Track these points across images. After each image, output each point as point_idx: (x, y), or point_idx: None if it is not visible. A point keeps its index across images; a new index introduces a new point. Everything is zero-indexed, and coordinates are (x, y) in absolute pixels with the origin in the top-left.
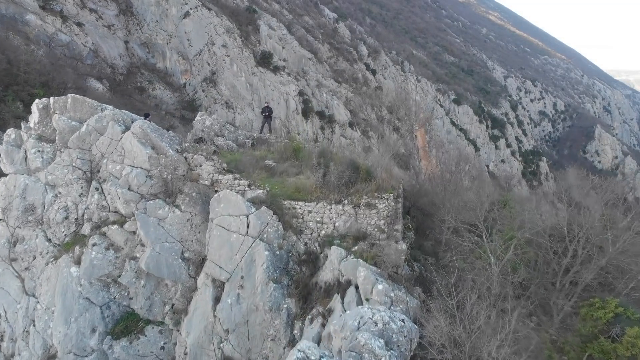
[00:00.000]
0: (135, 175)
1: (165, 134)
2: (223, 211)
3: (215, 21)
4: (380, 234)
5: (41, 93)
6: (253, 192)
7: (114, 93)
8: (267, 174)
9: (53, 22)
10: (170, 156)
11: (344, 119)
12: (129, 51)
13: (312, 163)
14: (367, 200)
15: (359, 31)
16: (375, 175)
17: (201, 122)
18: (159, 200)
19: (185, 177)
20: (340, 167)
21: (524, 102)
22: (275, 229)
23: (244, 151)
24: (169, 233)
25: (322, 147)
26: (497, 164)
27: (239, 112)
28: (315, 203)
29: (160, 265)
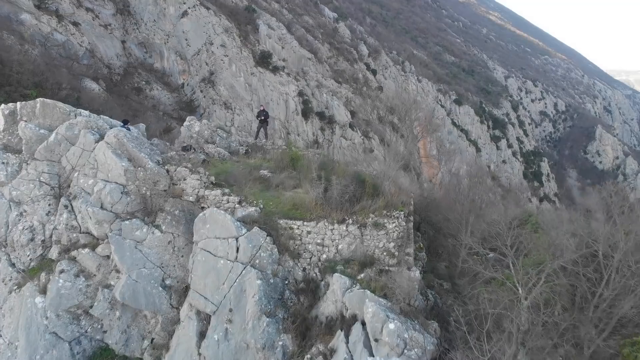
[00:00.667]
0: (108, 192)
1: (145, 144)
2: (209, 233)
3: (214, 20)
4: (389, 258)
5: (34, 94)
6: (244, 210)
7: (110, 94)
8: (261, 186)
9: (48, 22)
10: (150, 169)
11: (345, 120)
12: (126, 51)
13: (311, 176)
14: (374, 219)
15: (359, 31)
16: (382, 190)
17: (190, 127)
18: (137, 219)
19: (167, 193)
20: (344, 181)
21: (525, 102)
22: (269, 253)
23: (237, 160)
24: (148, 257)
25: (322, 157)
26: (499, 165)
27: (237, 113)
28: (315, 222)
29: (137, 294)
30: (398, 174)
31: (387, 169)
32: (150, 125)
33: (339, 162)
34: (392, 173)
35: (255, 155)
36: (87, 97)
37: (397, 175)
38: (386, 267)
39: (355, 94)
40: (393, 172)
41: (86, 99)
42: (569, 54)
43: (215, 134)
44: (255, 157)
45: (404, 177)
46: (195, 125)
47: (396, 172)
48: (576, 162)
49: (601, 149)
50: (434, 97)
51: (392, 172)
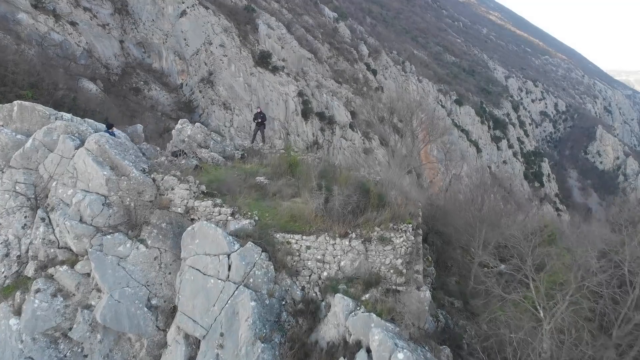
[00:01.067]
0: (88, 203)
1: (130, 150)
2: (198, 249)
3: (213, 20)
4: (397, 277)
5: (30, 94)
6: (237, 223)
7: (108, 94)
8: (257, 194)
9: (45, 21)
10: (134, 178)
11: (345, 120)
12: (124, 51)
13: (311, 185)
14: (380, 232)
15: (359, 31)
16: (388, 200)
17: (181, 131)
18: (119, 234)
19: (153, 204)
20: (346, 191)
21: (525, 102)
22: (265, 271)
23: (233, 165)
24: (132, 275)
25: (323, 163)
26: (499, 165)
27: (237, 114)
28: (315, 236)
29: (120, 316)
30: (404, 181)
31: (393, 176)
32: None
33: (340, 168)
34: (398, 181)
35: (252, 160)
36: (84, 97)
37: (403, 182)
38: (393, 287)
39: (356, 94)
40: (399, 180)
41: (83, 99)
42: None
43: (209, 137)
44: (251, 162)
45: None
46: (187, 128)
47: (403, 181)
48: (577, 162)
49: (602, 149)
50: (435, 98)
51: (399, 179)
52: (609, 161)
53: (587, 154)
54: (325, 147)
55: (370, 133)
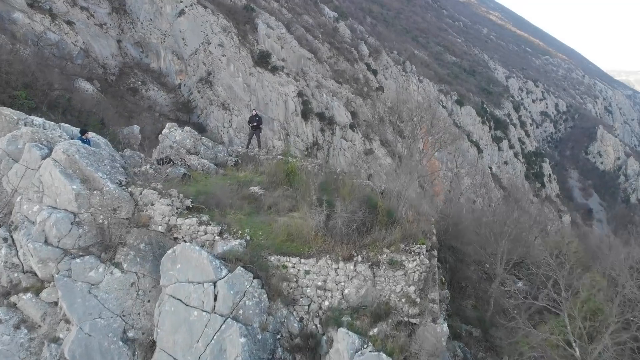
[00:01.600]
0: (55, 222)
1: (106, 160)
2: (179, 275)
3: (212, 20)
4: (409, 307)
5: (23, 95)
6: (226, 244)
7: (105, 94)
8: (250, 207)
9: (41, 21)
10: (109, 192)
11: (345, 121)
12: (121, 51)
13: (310, 199)
14: (389, 255)
15: (359, 31)
16: (399, 217)
17: (169, 136)
18: (91, 257)
19: (130, 222)
20: (350, 206)
21: (526, 102)
22: (257, 301)
23: (225, 173)
24: (105, 304)
25: (324, 173)
26: (500, 166)
27: (235, 114)
28: (315, 259)
29: (91, 351)
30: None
31: (402, 188)
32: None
33: (343, 176)
34: (409, 194)
35: (246, 167)
36: (79, 98)
37: (412, 193)
38: (405, 319)
39: (356, 94)
40: (410, 192)
41: (78, 99)
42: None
43: (200, 143)
44: (245, 170)
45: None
46: (175, 133)
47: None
48: (577, 162)
49: (602, 149)
50: (436, 98)
51: (409, 192)
52: (609, 161)
53: (588, 155)
54: (325, 148)
55: (371, 134)
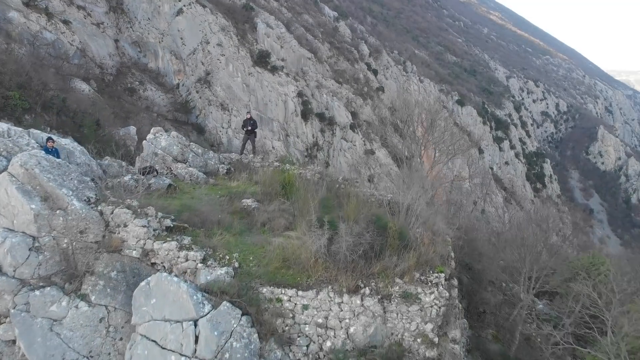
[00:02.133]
0: (9, 248)
1: (73, 173)
2: (154, 312)
3: (210, 19)
4: (426, 348)
5: (17, 95)
6: (210, 273)
7: (101, 94)
8: (242, 224)
9: (37, 20)
10: (74, 212)
11: (345, 121)
12: (119, 50)
13: (309, 218)
14: (402, 287)
15: (359, 30)
16: (412, 239)
17: (155, 142)
18: (53, 288)
19: (99, 246)
20: (357, 227)
21: (527, 102)
22: (246, 343)
23: (216, 182)
24: (69, 344)
25: (324, 187)
26: (501, 166)
27: (234, 114)
28: (315, 291)
29: None
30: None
31: (413, 202)
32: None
33: (346, 187)
34: (422, 209)
35: (239, 175)
36: (75, 98)
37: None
38: None
39: (356, 94)
40: (424, 209)
41: (74, 100)
42: (570, 54)
43: (188, 149)
44: (239, 179)
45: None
46: (160, 139)
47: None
48: (578, 163)
49: (603, 149)
50: (436, 98)
51: (422, 206)
52: (610, 162)
53: (589, 155)
54: (325, 149)
55: (371, 134)
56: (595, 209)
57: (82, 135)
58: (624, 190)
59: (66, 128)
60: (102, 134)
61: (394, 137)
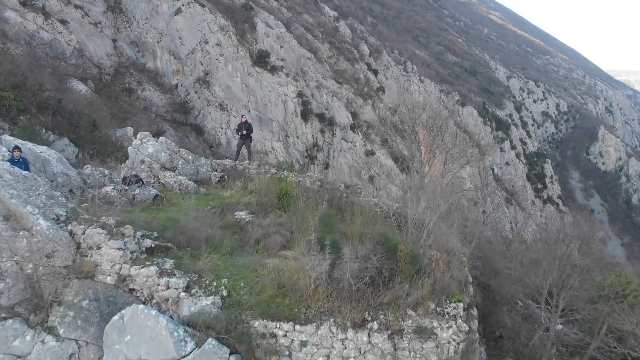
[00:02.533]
0: None
1: (42, 187)
2: (129, 351)
3: (209, 18)
4: None
5: (12, 96)
6: (194, 303)
7: (99, 95)
8: (233, 241)
9: (34, 20)
10: (40, 232)
11: (345, 122)
12: (117, 50)
13: (308, 238)
14: (415, 320)
15: (360, 30)
16: (425, 263)
17: (141, 148)
18: (16, 320)
19: (69, 271)
20: (363, 249)
21: (527, 102)
22: None
23: (207, 192)
24: None
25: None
26: (502, 167)
27: (234, 115)
28: (315, 325)
29: None
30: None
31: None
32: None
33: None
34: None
35: (233, 184)
36: (71, 98)
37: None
38: None
39: (357, 94)
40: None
41: (70, 100)
42: (570, 54)
43: (177, 155)
44: (232, 187)
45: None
46: (147, 145)
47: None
48: (579, 163)
49: (604, 150)
50: (437, 98)
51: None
52: (611, 162)
53: (589, 155)
54: (325, 150)
55: (372, 135)
56: (595, 209)
57: (78, 137)
58: (624, 190)
59: (62, 129)
60: (99, 135)
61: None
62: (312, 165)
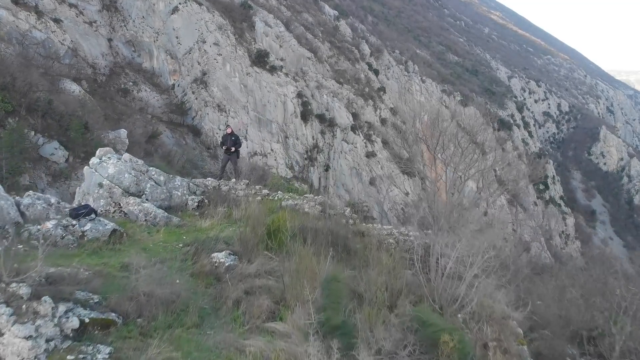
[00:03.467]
0: None
1: None
2: None
3: (207, 17)
4: None
5: None
6: None
7: (93, 95)
8: (205, 301)
9: (27, 19)
10: None
11: (346, 122)
12: (112, 50)
13: (308, 322)
14: None
15: (360, 29)
16: (478, 356)
17: (100, 168)
18: None
19: None
20: (384, 333)
21: (528, 102)
22: None
23: (181, 222)
24: None
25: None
26: (504, 168)
27: (232, 116)
28: None
29: None
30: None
31: (463, 265)
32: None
33: (364, 249)
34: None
35: (215, 210)
36: (63, 99)
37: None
38: None
39: (357, 95)
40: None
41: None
42: (570, 53)
43: (146, 177)
44: (214, 215)
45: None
46: (108, 164)
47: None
48: (580, 163)
49: (605, 150)
50: (439, 98)
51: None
52: (612, 162)
53: (591, 155)
54: (325, 151)
55: (373, 136)
56: (597, 210)
57: (69, 139)
58: (626, 191)
59: (52, 131)
60: (90, 137)
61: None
62: (312, 167)
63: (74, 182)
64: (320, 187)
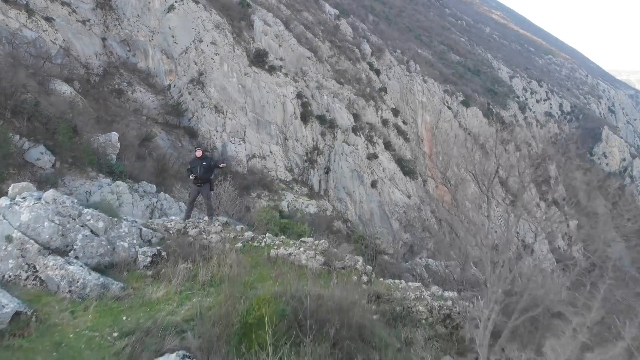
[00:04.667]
0: None
1: None
2: None
3: (204, 16)
4: None
5: None
6: None
7: (85, 96)
8: None
9: (17, 17)
10: None
11: (347, 124)
12: (106, 49)
13: None
14: None
15: (361, 29)
16: None
17: (8, 214)
18: None
19: None
20: None
21: (530, 102)
22: None
23: (121, 294)
24: None
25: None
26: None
27: (229, 117)
28: None
29: None
30: None
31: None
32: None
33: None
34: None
35: (175, 269)
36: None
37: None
38: None
39: (358, 95)
40: None
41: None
42: (571, 53)
43: (77, 223)
44: (172, 276)
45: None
46: (22, 207)
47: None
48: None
49: (607, 150)
50: (441, 99)
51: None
52: (615, 163)
53: (593, 156)
54: (326, 153)
55: (374, 137)
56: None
57: (56, 143)
58: (629, 192)
59: (38, 135)
60: (79, 141)
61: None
62: (312, 170)
63: (61, 188)
64: (321, 190)
